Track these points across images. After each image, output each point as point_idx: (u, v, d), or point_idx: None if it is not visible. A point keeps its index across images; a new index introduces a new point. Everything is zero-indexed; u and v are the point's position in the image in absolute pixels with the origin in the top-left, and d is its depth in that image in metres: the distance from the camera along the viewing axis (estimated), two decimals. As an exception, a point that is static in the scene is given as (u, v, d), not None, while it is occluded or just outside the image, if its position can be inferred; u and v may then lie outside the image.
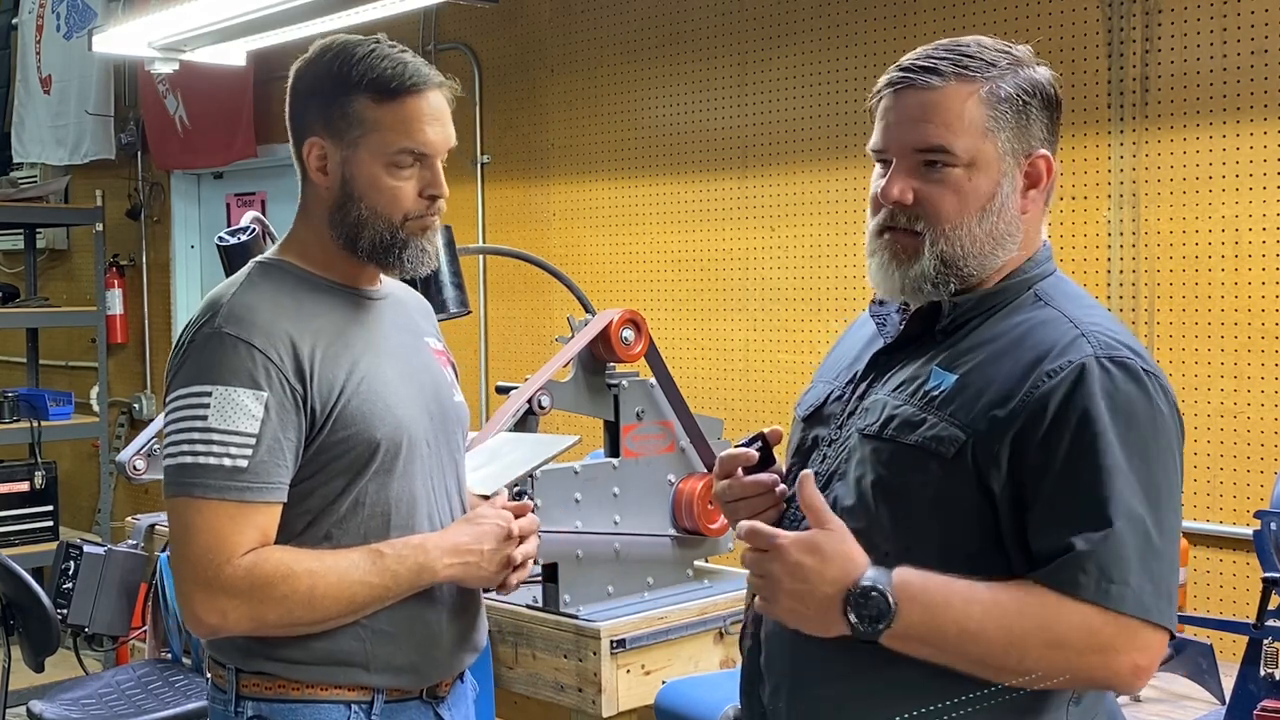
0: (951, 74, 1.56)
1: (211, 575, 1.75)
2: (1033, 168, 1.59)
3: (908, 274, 1.59)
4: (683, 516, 2.79)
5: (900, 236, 1.59)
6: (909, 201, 1.57)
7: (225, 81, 5.29)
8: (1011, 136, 1.57)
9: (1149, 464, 1.47)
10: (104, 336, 5.89)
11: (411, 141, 1.86)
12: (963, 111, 1.55)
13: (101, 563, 3.29)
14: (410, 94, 1.86)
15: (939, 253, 1.57)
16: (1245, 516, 2.81)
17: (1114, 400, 1.47)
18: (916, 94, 1.57)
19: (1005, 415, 1.49)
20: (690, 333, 4.07)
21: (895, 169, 1.58)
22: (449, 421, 2.00)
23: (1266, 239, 2.86)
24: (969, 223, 1.56)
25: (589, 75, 4.34)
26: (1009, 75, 1.57)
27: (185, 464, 1.77)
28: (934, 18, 3.41)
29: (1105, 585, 1.43)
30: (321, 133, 1.88)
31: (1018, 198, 1.59)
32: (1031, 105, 1.58)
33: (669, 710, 2.61)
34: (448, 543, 1.89)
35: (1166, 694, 2.47)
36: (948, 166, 1.56)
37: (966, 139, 1.55)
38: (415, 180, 1.88)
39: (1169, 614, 1.47)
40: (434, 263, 1.94)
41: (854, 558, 1.49)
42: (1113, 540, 1.43)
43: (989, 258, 1.58)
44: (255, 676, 1.86)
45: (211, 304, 1.85)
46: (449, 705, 1.98)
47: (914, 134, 1.57)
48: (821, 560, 1.48)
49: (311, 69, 1.91)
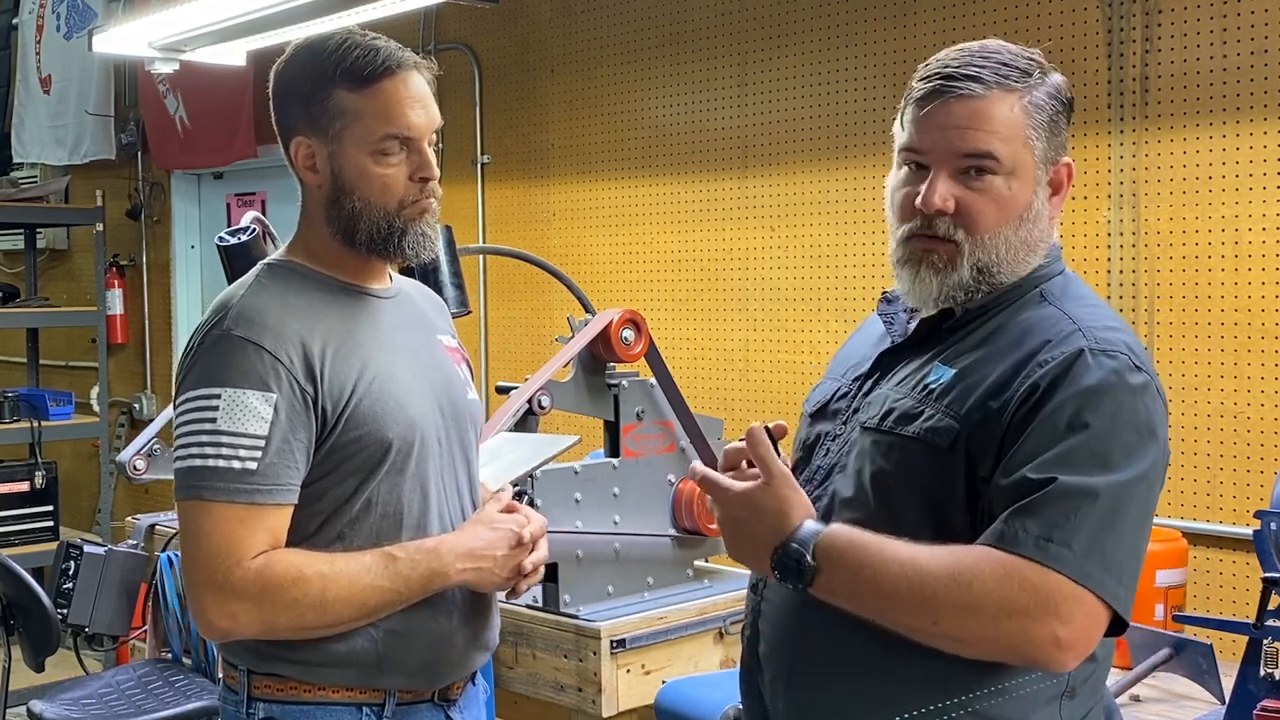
0: (994, 82, 1.57)
1: (222, 578, 1.74)
2: (1057, 174, 1.62)
3: (945, 282, 1.59)
4: (683, 516, 2.79)
5: (938, 245, 1.59)
6: (951, 210, 1.57)
7: (225, 81, 5.29)
8: (1045, 145, 1.59)
9: (1124, 450, 1.47)
10: (104, 336, 5.89)
11: (394, 126, 1.85)
12: (1009, 119, 1.57)
13: (102, 563, 3.29)
14: (385, 77, 1.84)
15: (976, 261, 1.58)
16: (1245, 516, 2.81)
17: (1098, 386, 1.48)
18: (961, 101, 1.57)
19: (998, 406, 1.51)
20: (690, 333, 4.07)
21: (936, 176, 1.58)
22: (461, 419, 1.98)
23: (1266, 239, 2.86)
24: (1007, 231, 1.58)
25: (589, 75, 4.34)
26: (1041, 84, 1.59)
27: (195, 467, 1.76)
28: (934, 18, 3.41)
29: (1044, 544, 1.42)
30: (305, 131, 1.87)
31: (1046, 204, 1.61)
32: (1061, 113, 1.61)
33: (669, 710, 2.61)
34: (462, 547, 1.88)
35: (1166, 694, 2.47)
36: (991, 174, 1.57)
37: (1011, 146, 1.57)
38: (404, 165, 1.86)
39: (1111, 587, 1.44)
40: (435, 248, 1.93)
41: (787, 513, 1.52)
42: (1063, 508, 1.43)
43: (1021, 264, 1.60)
44: (268, 678, 1.85)
45: (221, 306, 1.84)
46: (460, 708, 1.97)
47: (961, 140, 1.57)
48: (755, 514, 1.54)
49: (287, 69, 1.90)
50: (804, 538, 1.50)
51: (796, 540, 1.50)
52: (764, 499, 1.53)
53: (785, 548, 1.51)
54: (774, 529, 1.52)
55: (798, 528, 1.51)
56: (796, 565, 1.50)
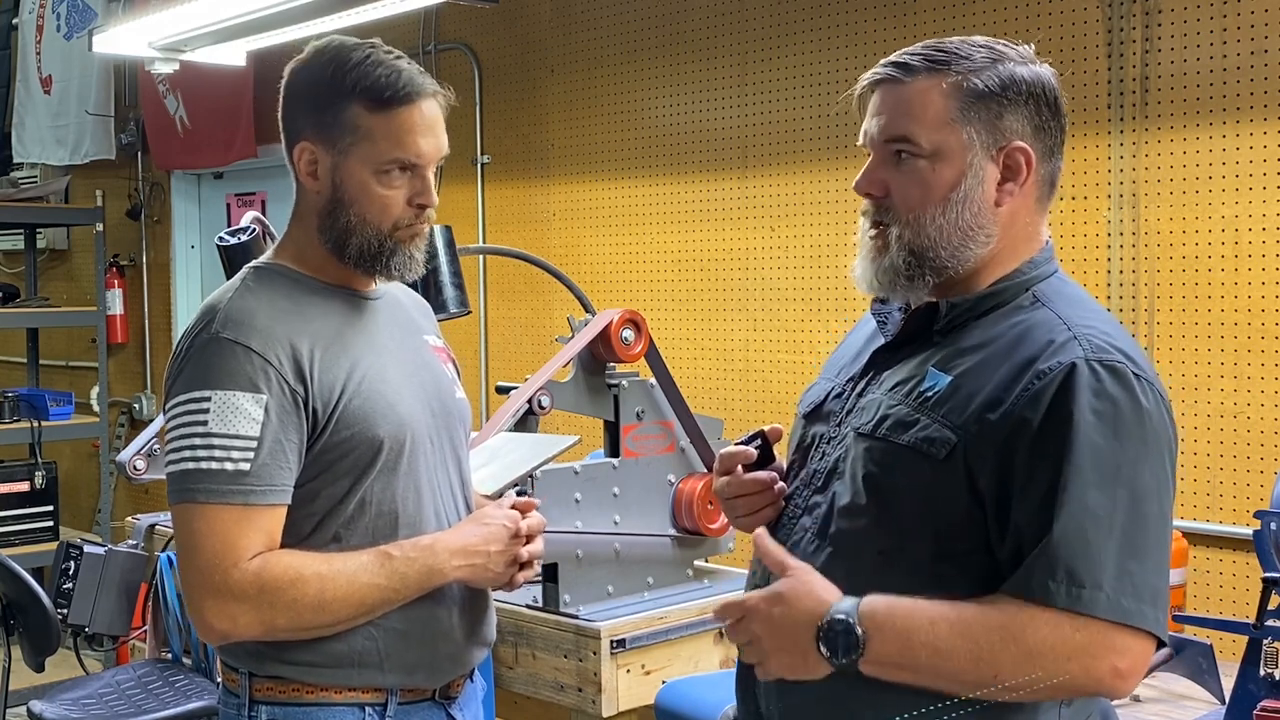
0: (922, 68, 1.58)
1: (220, 580, 1.74)
2: (1010, 159, 1.58)
3: (879, 266, 1.61)
4: (683, 516, 2.79)
5: (877, 230, 1.62)
6: (876, 193, 1.61)
7: (225, 81, 5.30)
8: (982, 128, 1.57)
9: (1132, 466, 1.46)
10: (104, 336, 5.89)
11: (404, 152, 1.85)
12: (926, 102, 1.57)
13: (101, 563, 3.29)
14: (404, 104, 1.85)
15: (906, 244, 1.59)
16: (1245, 516, 2.81)
17: (1099, 403, 1.46)
18: (886, 88, 1.60)
19: (996, 418, 1.49)
20: (690, 333, 4.08)
21: (869, 162, 1.62)
22: (450, 418, 1.99)
23: (1266, 239, 2.86)
24: (933, 213, 1.57)
25: (589, 75, 4.34)
26: (985, 69, 1.58)
27: (188, 470, 1.76)
28: (934, 18, 3.41)
29: (1076, 591, 1.42)
30: (313, 137, 1.87)
31: (990, 190, 1.58)
32: (1008, 99, 1.58)
33: (669, 710, 2.61)
34: (456, 544, 1.89)
35: (1166, 694, 2.47)
36: (914, 157, 1.58)
37: (929, 129, 1.57)
38: (405, 189, 1.87)
39: (1151, 616, 1.45)
40: (420, 270, 1.93)
41: (819, 595, 1.51)
42: (1082, 544, 1.42)
43: (960, 250, 1.58)
44: (269, 680, 1.85)
45: (208, 310, 1.85)
46: (460, 705, 1.98)
47: (881, 125, 1.60)
48: (789, 607, 1.51)
49: (306, 71, 1.90)
50: (846, 609, 1.49)
51: (840, 612, 1.49)
52: (792, 588, 1.52)
53: (830, 622, 1.49)
54: (811, 611, 1.50)
55: (836, 602, 1.50)
56: (846, 635, 1.47)
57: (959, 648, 1.45)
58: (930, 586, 1.51)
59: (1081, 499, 1.43)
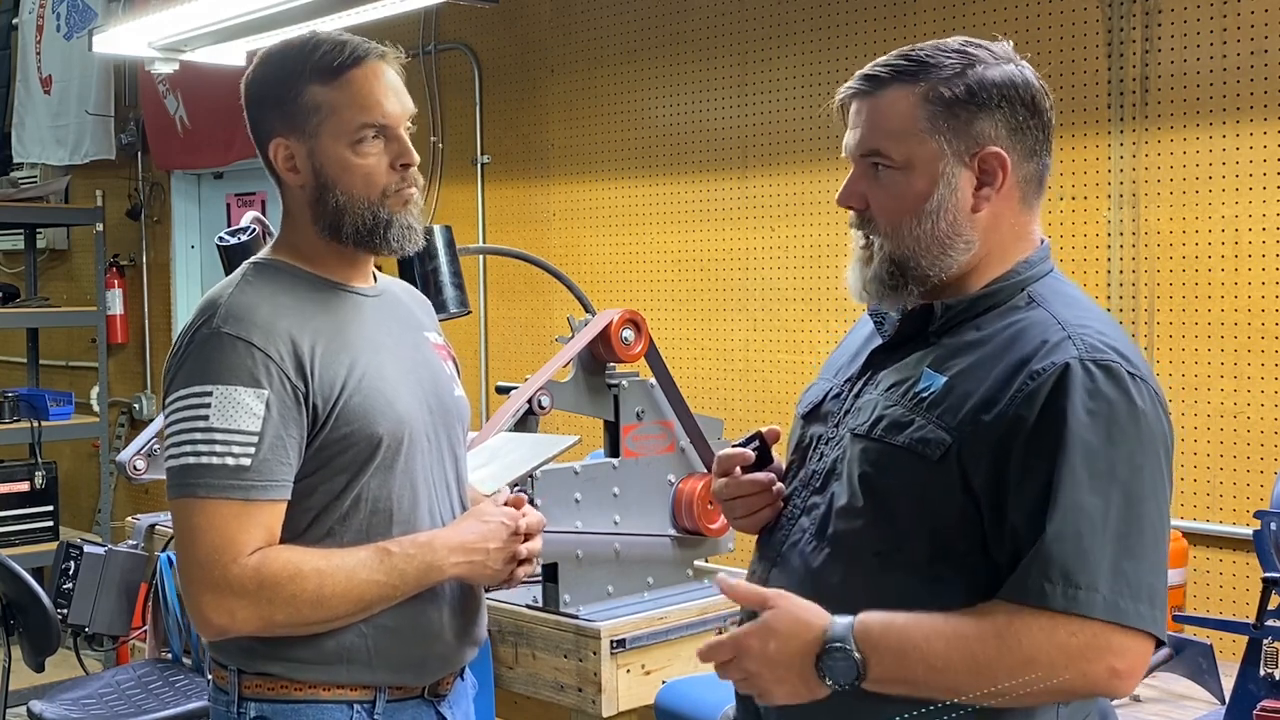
0: (890, 79, 1.59)
1: (219, 575, 1.74)
2: (985, 165, 1.58)
3: (865, 276, 1.64)
4: (683, 516, 2.79)
5: (864, 240, 1.64)
6: (856, 205, 1.64)
7: (225, 81, 5.26)
8: (953, 136, 1.57)
9: (1127, 465, 1.46)
10: (104, 336, 5.89)
11: (369, 115, 1.86)
12: (894, 114, 1.58)
13: (101, 563, 3.29)
14: (355, 67, 1.86)
15: (887, 254, 1.61)
16: (1245, 516, 2.81)
17: (1093, 403, 1.46)
18: (858, 100, 1.63)
19: (991, 419, 1.49)
20: (690, 333, 4.08)
21: (850, 175, 1.64)
22: (449, 415, 2.00)
23: (1266, 239, 2.86)
24: (910, 223, 1.58)
25: (589, 75, 4.34)
26: (955, 76, 1.57)
27: (188, 464, 1.76)
28: (934, 18, 3.41)
29: (1072, 592, 1.42)
30: (282, 132, 1.89)
31: (966, 197, 1.58)
32: (978, 104, 1.57)
33: (669, 710, 2.61)
34: (455, 541, 1.89)
35: (1166, 694, 2.47)
36: (889, 169, 1.59)
37: (898, 141, 1.58)
38: (384, 155, 1.88)
39: (1148, 616, 1.44)
40: (420, 241, 1.94)
41: (809, 621, 1.51)
42: (1077, 544, 1.42)
43: (940, 258, 1.59)
44: (258, 677, 1.85)
45: (208, 305, 1.85)
46: (450, 703, 1.98)
47: (856, 139, 1.62)
48: (783, 641, 1.51)
49: (257, 75, 1.94)
50: (840, 633, 1.48)
51: (834, 639, 1.48)
52: (780, 620, 1.52)
53: (827, 648, 1.48)
54: (806, 641, 1.50)
55: (829, 627, 1.49)
56: (845, 661, 1.47)
57: (956, 660, 1.45)
58: (929, 587, 1.51)
59: (1076, 499, 1.43)
